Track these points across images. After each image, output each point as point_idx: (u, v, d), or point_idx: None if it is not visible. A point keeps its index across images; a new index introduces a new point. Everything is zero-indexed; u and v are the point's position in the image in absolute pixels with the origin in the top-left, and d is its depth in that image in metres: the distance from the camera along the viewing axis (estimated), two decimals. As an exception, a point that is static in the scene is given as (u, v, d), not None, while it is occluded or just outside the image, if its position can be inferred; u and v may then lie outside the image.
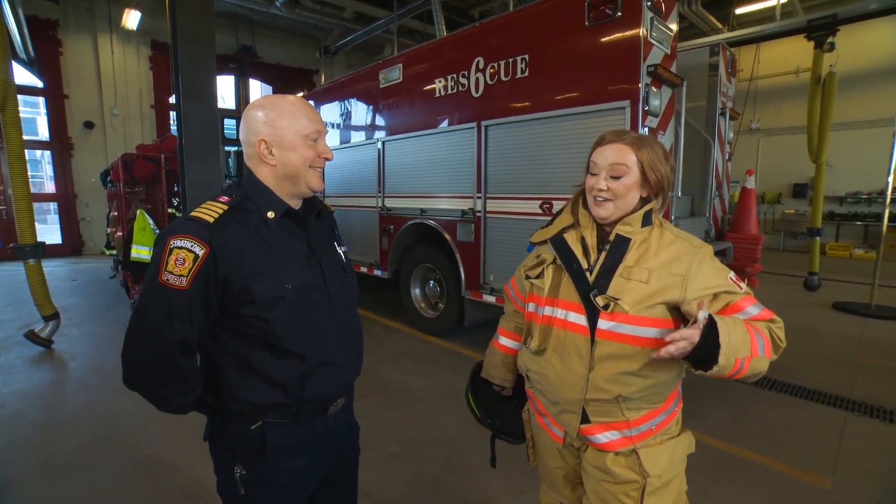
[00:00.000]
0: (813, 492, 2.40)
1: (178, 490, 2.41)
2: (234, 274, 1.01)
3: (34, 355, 4.38)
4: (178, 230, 0.99)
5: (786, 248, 11.65)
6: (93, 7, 10.77)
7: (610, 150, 1.18)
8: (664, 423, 1.19)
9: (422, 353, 4.48)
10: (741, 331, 1.04)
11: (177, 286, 0.96)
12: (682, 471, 1.23)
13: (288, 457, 1.11)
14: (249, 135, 1.08)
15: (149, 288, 0.99)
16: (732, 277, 1.14)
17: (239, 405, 1.06)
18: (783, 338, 1.10)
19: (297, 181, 1.11)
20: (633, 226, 1.16)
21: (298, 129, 1.08)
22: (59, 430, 3.05)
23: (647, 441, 1.17)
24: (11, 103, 4.20)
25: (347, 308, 1.22)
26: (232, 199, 1.07)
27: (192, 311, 0.99)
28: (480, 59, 3.96)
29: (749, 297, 1.13)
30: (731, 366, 1.01)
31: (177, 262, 0.96)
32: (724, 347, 0.99)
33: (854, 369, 4.03)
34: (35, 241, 4.45)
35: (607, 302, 1.12)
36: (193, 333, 1.01)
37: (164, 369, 1.00)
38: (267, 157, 1.08)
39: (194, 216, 1.02)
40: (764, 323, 1.10)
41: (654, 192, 1.19)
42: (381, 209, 5.23)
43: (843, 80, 8.38)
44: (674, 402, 1.23)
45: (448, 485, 2.46)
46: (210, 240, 0.99)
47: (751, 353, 1.04)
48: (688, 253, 1.13)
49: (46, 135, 10.79)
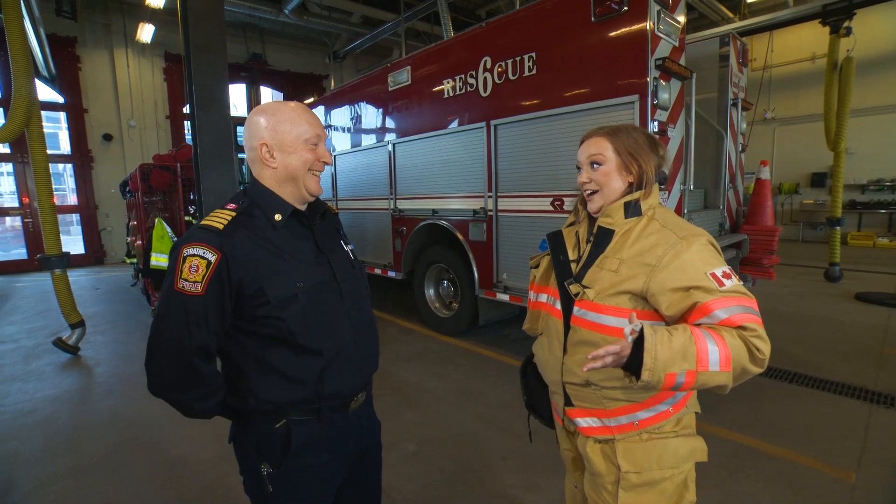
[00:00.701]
0: (836, 485, 2.36)
1: (203, 490, 2.48)
2: (246, 277, 1.04)
3: (62, 362, 4.52)
4: (190, 239, 1.04)
5: (805, 239, 11.41)
6: (109, 23, 11.07)
7: (587, 143, 1.24)
8: (650, 420, 1.16)
9: (437, 353, 4.51)
10: (680, 345, 0.95)
11: (192, 292, 1.00)
12: (682, 476, 1.18)
13: (312, 453, 1.14)
14: (251, 139, 1.12)
15: (166, 297, 1.03)
16: (714, 273, 1.04)
17: (261, 405, 1.10)
18: (762, 348, 0.98)
19: (298, 184, 1.15)
20: (613, 217, 1.18)
21: (299, 133, 1.12)
22: (87, 433, 3.15)
23: (627, 435, 1.17)
24: (36, 120, 4.35)
25: (360, 304, 1.25)
26: (239, 205, 1.11)
27: (208, 316, 1.03)
28: (488, 58, 3.98)
29: (726, 298, 1.01)
30: (662, 381, 0.95)
31: (191, 269, 1.00)
32: (646, 364, 0.93)
33: (879, 360, 3.93)
34: (61, 252, 4.59)
35: (578, 290, 1.17)
36: (211, 338, 1.05)
37: (185, 375, 1.04)
38: (268, 160, 1.12)
39: (204, 224, 1.06)
40: (736, 331, 0.99)
41: (636, 178, 1.19)
42: (394, 211, 5.28)
43: (862, 65, 8.18)
44: (664, 403, 1.16)
45: (465, 482, 2.48)
46: (221, 246, 1.03)
47: (696, 368, 0.95)
48: (664, 244, 1.09)
49: (68, 148, 11.10)
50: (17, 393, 3.79)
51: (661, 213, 1.19)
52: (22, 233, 10.71)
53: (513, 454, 2.70)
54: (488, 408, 3.32)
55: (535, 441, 1.68)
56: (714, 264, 1.07)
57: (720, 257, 1.11)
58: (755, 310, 1.03)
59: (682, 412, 1.21)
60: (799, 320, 5.13)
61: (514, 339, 4.71)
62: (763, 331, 1.00)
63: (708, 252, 1.09)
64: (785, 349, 4.23)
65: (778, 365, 3.86)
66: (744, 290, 1.05)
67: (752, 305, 1.03)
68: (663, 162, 1.24)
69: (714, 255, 1.10)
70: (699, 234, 1.12)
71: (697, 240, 1.10)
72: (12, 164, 10.61)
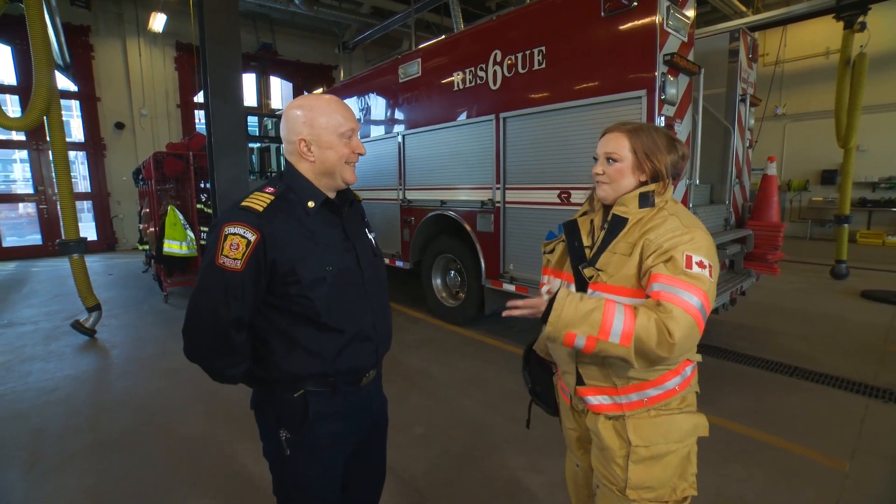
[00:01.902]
0: (829, 473, 2.43)
1: (217, 466, 2.59)
2: (280, 257, 1.13)
3: (80, 344, 4.67)
4: (231, 218, 1.12)
5: (813, 236, 11.36)
6: (122, 12, 11.15)
7: (608, 137, 1.30)
8: (658, 398, 1.24)
9: (444, 341, 4.60)
10: (586, 310, 1.08)
11: (232, 268, 1.09)
12: (686, 450, 1.26)
13: (326, 423, 1.24)
14: (290, 133, 1.20)
15: (207, 271, 1.12)
16: (690, 255, 1.11)
17: (283, 375, 1.19)
18: (674, 331, 1.03)
19: (334, 175, 1.23)
20: (628, 206, 1.25)
21: (335, 127, 1.19)
22: (106, 411, 3.28)
23: (636, 412, 1.25)
24: (55, 109, 4.45)
25: (379, 289, 1.34)
26: (277, 189, 1.19)
27: (244, 291, 1.11)
28: (498, 52, 4.02)
29: (676, 278, 1.08)
30: (562, 337, 1.10)
31: (231, 246, 1.08)
32: (550, 319, 1.10)
33: (880, 357, 3.97)
34: (78, 237, 4.72)
35: (592, 273, 1.23)
36: (245, 311, 1.14)
37: (220, 344, 1.13)
38: (306, 154, 1.20)
39: (245, 206, 1.14)
40: (654, 312, 1.06)
41: (649, 177, 1.26)
42: (402, 201, 5.35)
43: (876, 61, 8.09)
44: (672, 381, 1.24)
45: (470, 463, 2.58)
46: (260, 227, 1.11)
47: (597, 335, 1.07)
48: (670, 231, 1.16)
49: (81, 136, 11.25)
50: (39, 372, 3.93)
51: (673, 206, 1.26)
52: (37, 219, 10.91)
53: (516, 438, 2.79)
54: (493, 395, 3.41)
55: (537, 427, 1.75)
56: (698, 252, 1.13)
57: (712, 253, 1.17)
58: (697, 300, 1.07)
59: (687, 391, 1.29)
60: (802, 316, 5.16)
61: (520, 330, 4.79)
62: (685, 318, 1.04)
63: (701, 241, 1.16)
64: (786, 344, 4.28)
65: (778, 359, 3.92)
66: (706, 283, 1.10)
67: (695, 294, 1.07)
68: (682, 160, 1.30)
69: (705, 248, 1.15)
70: (703, 228, 1.20)
71: (699, 231, 1.18)
72: (27, 152, 10.78)
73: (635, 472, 1.23)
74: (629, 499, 1.24)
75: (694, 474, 1.29)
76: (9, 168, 15.22)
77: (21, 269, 9.25)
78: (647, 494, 1.24)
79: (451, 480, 2.44)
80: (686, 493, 1.27)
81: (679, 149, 1.30)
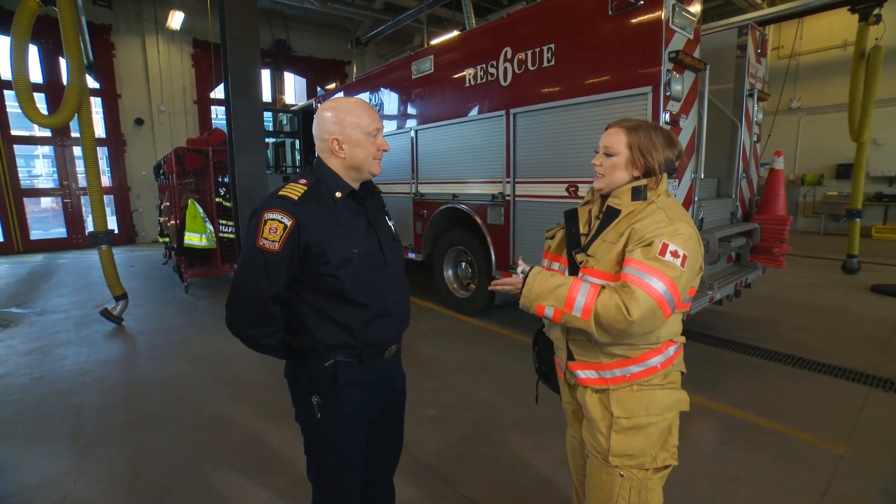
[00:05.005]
0: (824, 455, 2.53)
1: (242, 441, 2.78)
2: (312, 240, 1.28)
3: (109, 330, 4.91)
4: (270, 205, 1.27)
5: (827, 231, 11.25)
6: (141, 10, 11.42)
7: (608, 132, 1.41)
8: (641, 374, 1.34)
9: (455, 330, 4.75)
10: (554, 285, 1.28)
11: (271, 249, 1.24)
12: (666, 423, 1.36)
13: (352, 390, 1.39)
14: (323, 132, 1.35)
15: (248, 252, 1.28)
16: (667, 243, 1.20)
17: (315, 344, 1.34)
18: (633, 311, 1.15)
19: (361, 169, 1.39)
20: (621, 199, 1.36)
21: (363, 127, 1.34)
22: (137, 391, 3.50)
23: (620, 386, 1.36)
24: (86, 106, 4.67)
25: (398, 270, 1.50)
26: (309, 180, 1.34)
27: (280, 269, 1.27)
28: (508, 49, 4.13)
29: (646, 264, 1.19)
30: (533, 308, 1.32)
31: (270, 230, 1.24)
32: (524, 291, 1.33)
33: (885, 349, 4.02)
34: (107, 229, 4.95)
35: (583, 258, 1.36)
36: (281, 286, 1.29)
37: (258, 315, 1.30)
38: (338, 151, 1.35)
39: (282, 195, 1.29)
40: (617, 291, 1.19)
41: (641, 173, 1.36)
42: (415, 195, 5.50)
43: (892, 54, 7.97)
44: (654, 359, 1.34)
45: (480, 442, 2.73)
46: (295, 213, 1.26)
47: (563, 308, 1.26)
48: (656, 222, 1.26)
49: (102, 132, 11.57)
50: (74, 356, 4.18)
51: (664, 200, 1.36)
52: (61, 213, 11.29)
53: (522, 420, 2.93)
54: (502, 380, 3.56)
55: (543, 409, 1.88)
56: (675, 241, 1.22)
57: (691, 245, 1.25)
58: (662, 286, 1.17)
59: (669, 369, 1.40)
60: (810, 309, 5.21)
61: (529, 319, 4.92)
62: (646, 300, 1.15)
63: (682, 232, 1.24)
64: (791, 336, 4.34)
65: (781, 349, 3.99)
66: (675, 270, 1.19)
67: (661, 280, 1.18)
68: (676, 158, 1.39)
69: (683, 238, 1.23)
70: (687, 221, 1.29)
71: (682, 223, 1.26)
72: (51, 148, 11.14)
73: (617, 441, 1.35)
74: (612, 465, 1.37)
75: (675, 445, 1.40)
76: (31, 164, 15.68)
77: (48, 260, 9.62)
78: (628, 462, 1.36)
79: (461, 457, 2.59)
80: (666, 461, 1.38)
81: (676, 147, 1.39)
